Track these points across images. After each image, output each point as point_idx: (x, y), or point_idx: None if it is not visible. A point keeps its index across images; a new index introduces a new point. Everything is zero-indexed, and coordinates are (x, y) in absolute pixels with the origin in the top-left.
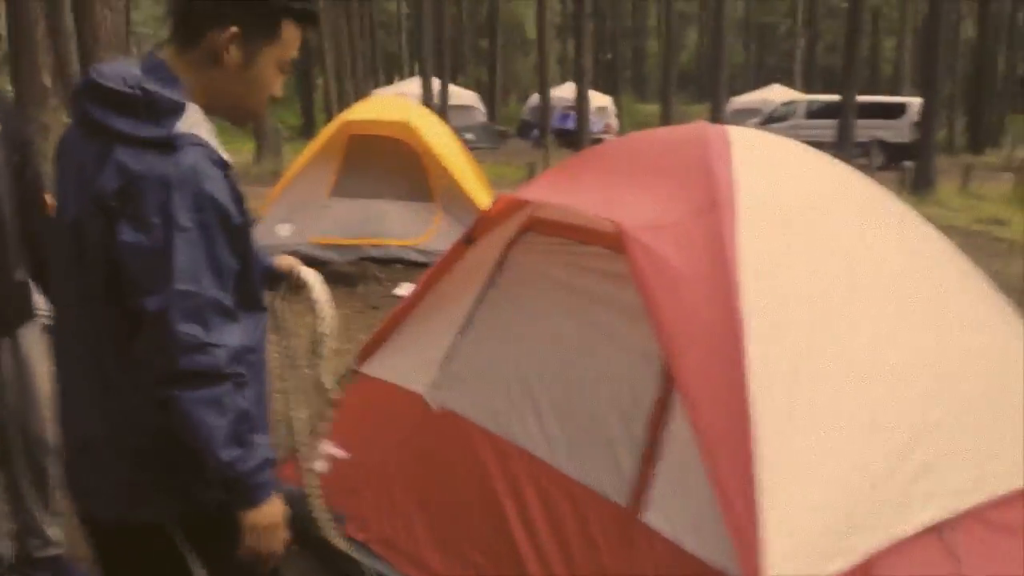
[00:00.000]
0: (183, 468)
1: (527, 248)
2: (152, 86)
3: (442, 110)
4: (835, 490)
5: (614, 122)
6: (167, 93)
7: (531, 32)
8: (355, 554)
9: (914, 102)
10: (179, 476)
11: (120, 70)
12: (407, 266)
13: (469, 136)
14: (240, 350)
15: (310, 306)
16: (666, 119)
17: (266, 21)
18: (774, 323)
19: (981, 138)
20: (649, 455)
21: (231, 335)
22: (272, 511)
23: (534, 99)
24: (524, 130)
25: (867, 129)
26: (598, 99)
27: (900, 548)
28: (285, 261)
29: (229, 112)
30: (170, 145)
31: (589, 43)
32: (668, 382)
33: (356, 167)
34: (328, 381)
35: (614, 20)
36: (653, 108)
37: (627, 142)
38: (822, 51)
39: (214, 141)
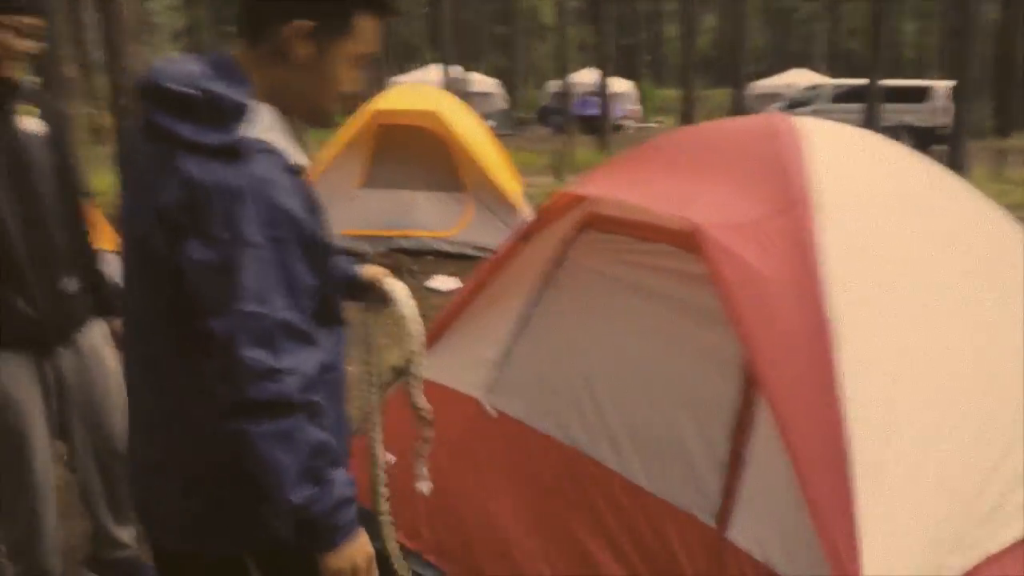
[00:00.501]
0: (257, 500)
1: (587, 246)
2: (215, 86)
3: (463, 97)
4: (932, 508)
5: (636, 107)
6: (231, 94)
7: (547, 17)
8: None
9: (939, 86)
10: (253, 509)
11: (183, 68)
12: (438, 257)
13: (490, 123)
14: (315, 377)
15: (395, 320)
16: (688, 104)
17: (338, 13)
18: (863, 330)
19: (1008, 122)
20: (733, 469)
21: (306, 360)
22: (354, 553)
23: (553, 85)
24: (544, 116)
25: (893, 113)
26: (618, 84)
27: (990, 563)
28: (370, 271)
29: (301, 111)
30: (236, 152)
31: (610, 27)
32: (750, 390)
33: (386, 157)
34: (422, 401)
35: (631, 4)
36: (673, 93)
37: (688, 135)
38: (845, 35)
39: (289, 146)
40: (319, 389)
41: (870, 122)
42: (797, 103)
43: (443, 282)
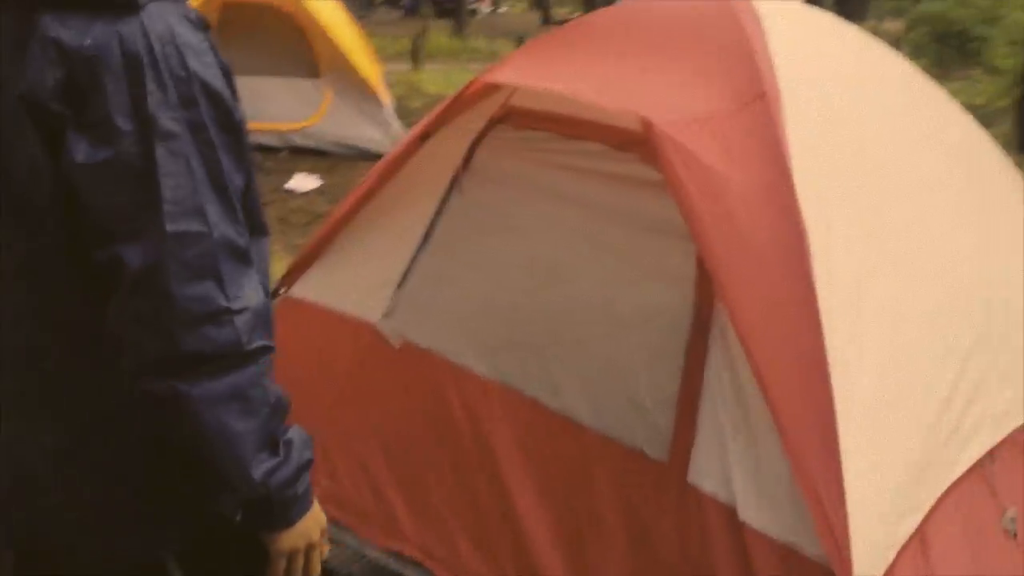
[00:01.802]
0: (183, 489)
1: (501, 144)
2: None
3: None
4: (903, 439)
5: None
6: None
7: None
8: None
9: None
10: (178, 499)
11: None
12: (294, 153)
13: None
14: (265, 312)
15: None
16: None
17: None
18: (834, 241)
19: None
20: (687, 404)
21: (253, 290)
22: (309, 527)
23: None
24: None
25: None
26: None
27: (949, 493)
28: None
29: None
30: (127, 3)
31: None
32: (704, 313)
33: (231, 40)
34: None
35: None
36: None
37: (625, 15)
38: None
39: None
40: (270, 326)
41: None
42: None
43: (302, 181)
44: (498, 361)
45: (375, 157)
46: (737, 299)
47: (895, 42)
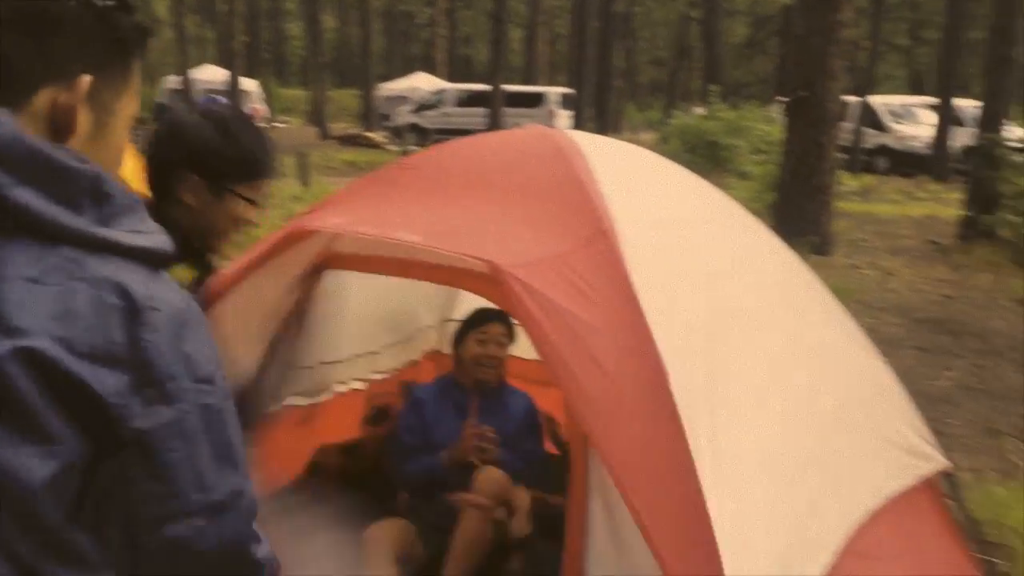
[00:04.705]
0: None
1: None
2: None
3: None
4: (772, 543)
5: (262, 107)
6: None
7: (160, 11)
8: None
9: (551, 92)
10: None
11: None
12: None
13: None
14: None
15: None
16: (317, 104)
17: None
18: (686, 364)
19: (605, 125)
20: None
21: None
22: None
23: (171, 81)
24: (161, 115)
25: (512, 117)
26: (243, 82)
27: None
28: None
29: None
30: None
31: (236, 22)
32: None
33: None
34: None
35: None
36: (298, 93)
37: (449, 153)
38: (461, 41)
39: None
40: None
41: (494, 125)
42: (425, 106)
43: None
44: None
45: None
46: (611, 442)
47: None
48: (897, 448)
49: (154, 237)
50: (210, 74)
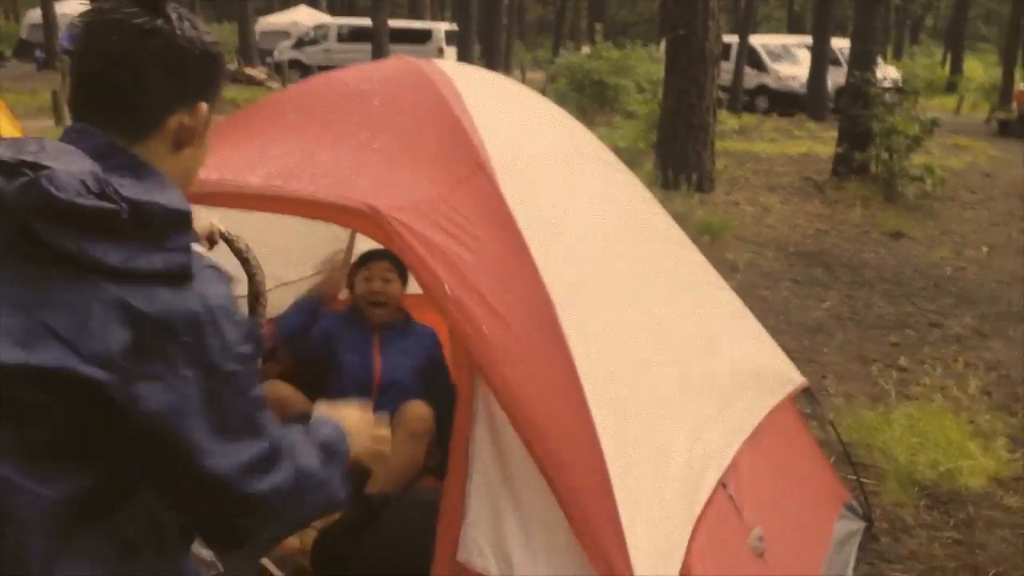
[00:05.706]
0: None
1: None
2: (137, 192)
3: None
4: (661, 487)
5: None
6: (162, 200)
7: None
8: None
9: (438, 27)
10: None
11: (73, 167)
12: None
13: None
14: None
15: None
16: None
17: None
18: (569, 294)
19: (496, 64)
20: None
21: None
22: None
23: (34, 16)
24: (23, 51)
25: (400, 55)
26: None
27: (701, 525)
28: (202, 221)
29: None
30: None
31: None
32: (464, 396)
33: None
34: None
35: None
36: None
37: (316, 87)
38: None
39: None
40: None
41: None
42: (305, 42)
43: None
44: None
45: None
46: (504, 374)
47: (540, 91)
48: (763, 369)
49: (171, 256)
50: (73, 7)
